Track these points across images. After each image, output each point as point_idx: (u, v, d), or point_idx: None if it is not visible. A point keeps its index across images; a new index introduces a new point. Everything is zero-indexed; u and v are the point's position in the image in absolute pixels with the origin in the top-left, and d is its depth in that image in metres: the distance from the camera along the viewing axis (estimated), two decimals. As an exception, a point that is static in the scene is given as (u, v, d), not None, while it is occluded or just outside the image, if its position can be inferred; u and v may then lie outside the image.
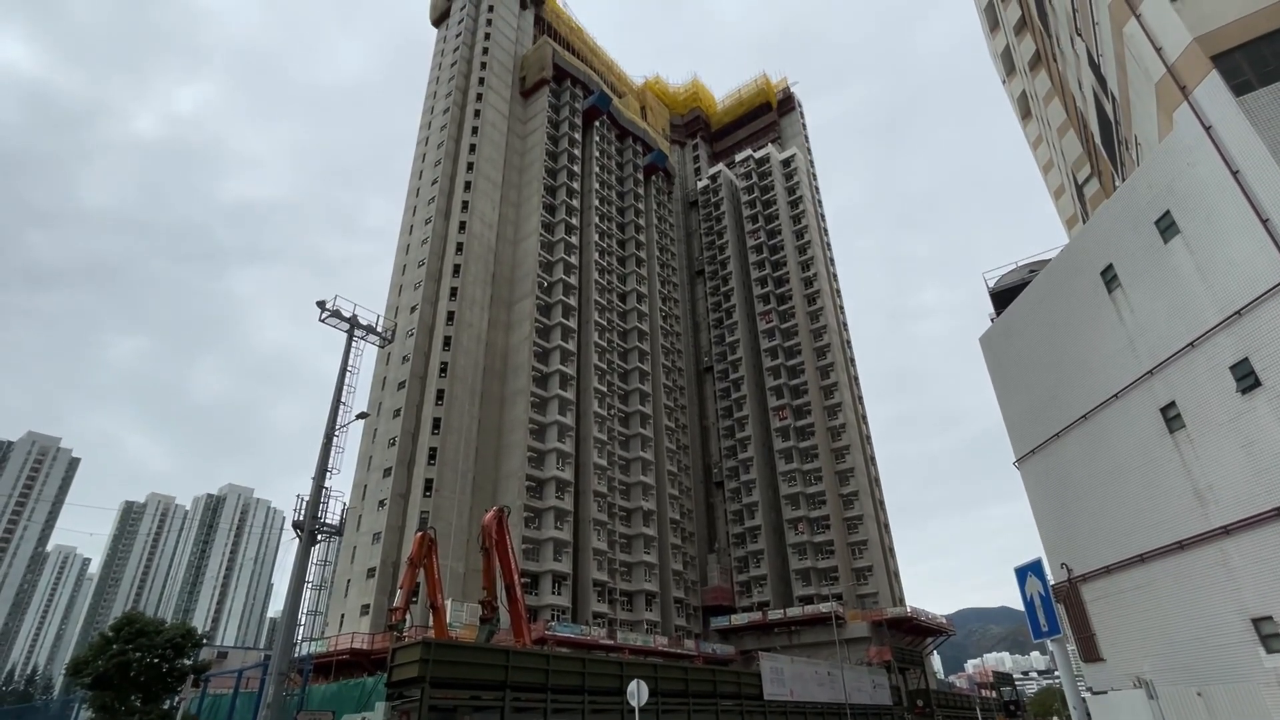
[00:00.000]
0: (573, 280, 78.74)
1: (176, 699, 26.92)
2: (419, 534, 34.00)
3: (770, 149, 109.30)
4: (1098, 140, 34.42)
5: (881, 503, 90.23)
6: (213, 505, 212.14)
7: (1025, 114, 54.66)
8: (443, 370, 65.40)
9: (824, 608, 69.20)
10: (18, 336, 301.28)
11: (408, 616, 32.53)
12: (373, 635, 49.27)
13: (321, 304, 31.72)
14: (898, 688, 59.86)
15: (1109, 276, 25.38)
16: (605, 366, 78.54)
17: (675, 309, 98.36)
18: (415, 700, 25.74)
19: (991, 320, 34.64)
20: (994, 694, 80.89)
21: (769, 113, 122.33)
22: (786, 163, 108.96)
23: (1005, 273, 35.97)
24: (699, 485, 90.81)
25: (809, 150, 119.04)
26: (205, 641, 30.84)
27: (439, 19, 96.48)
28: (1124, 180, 28.52)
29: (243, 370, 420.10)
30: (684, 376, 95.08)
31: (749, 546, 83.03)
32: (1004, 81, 55.79)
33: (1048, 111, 45.28)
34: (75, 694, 39.51)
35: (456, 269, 71.24)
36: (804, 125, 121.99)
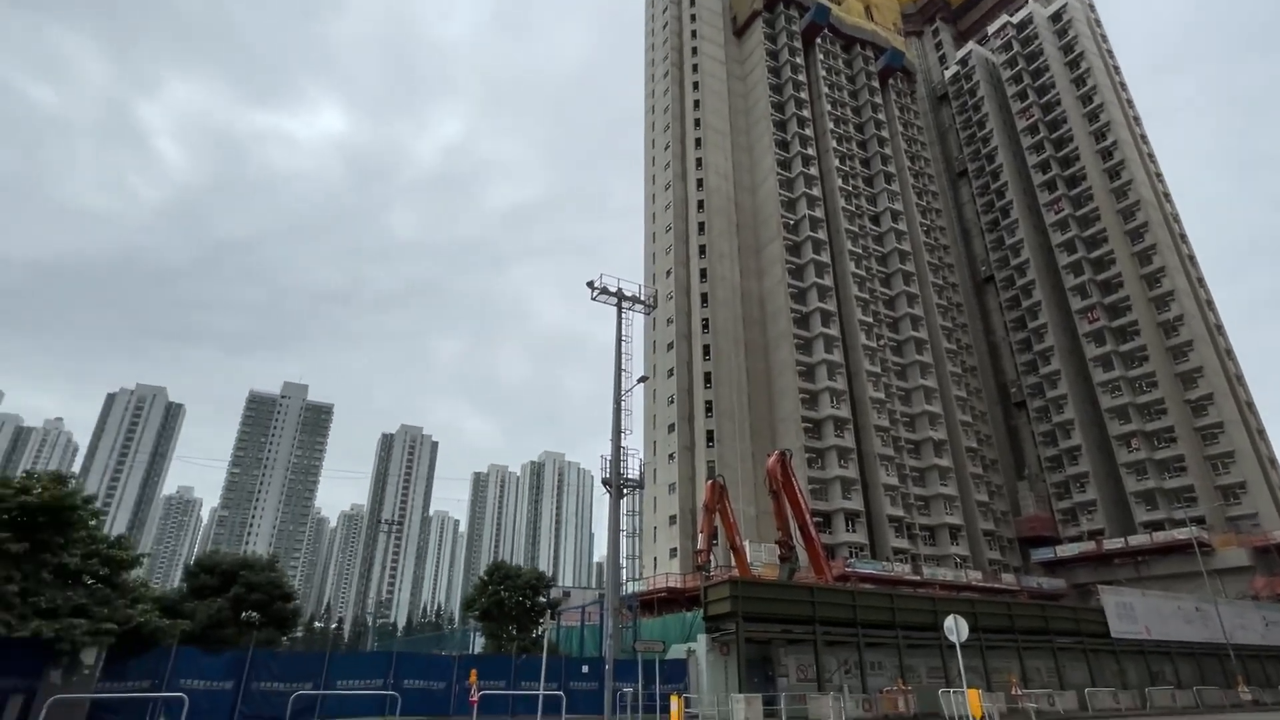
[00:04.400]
0: (818, 213, 75.57)
1: (540, 629, 32.67)
2: (709, 482, 36.22)
3: (1032, 6, 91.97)
4: None
5: (1250, 405, 72.77)
6: (536, 471, 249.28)
7: None
8: (705, 326, 67.85)
9: (1180, 534, 58.61)
10: (382, 352, 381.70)
11: (712, 558, 35.04)
12: (683, 575, 53.98)
13: (591, 284, 34.87)
14: (1303, 626, 48.57)
15: None
16: (867, 296, 74.45)
17: (938, 220, 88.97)
18: (732, 633, 27.78)
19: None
20: None
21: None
22: (1056, 18, 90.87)
23: None
24: (995, 408, 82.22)
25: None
26: (553, 583, 36.82)
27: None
28: None
29: (535, 353, 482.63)
30: (959, 292, 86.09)
31: (1068, 470, 73.24)
32: None
33: None
34: (469, 625, 49.98)
35: (701, 227, 72.86)
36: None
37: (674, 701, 17.66)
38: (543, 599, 34.10)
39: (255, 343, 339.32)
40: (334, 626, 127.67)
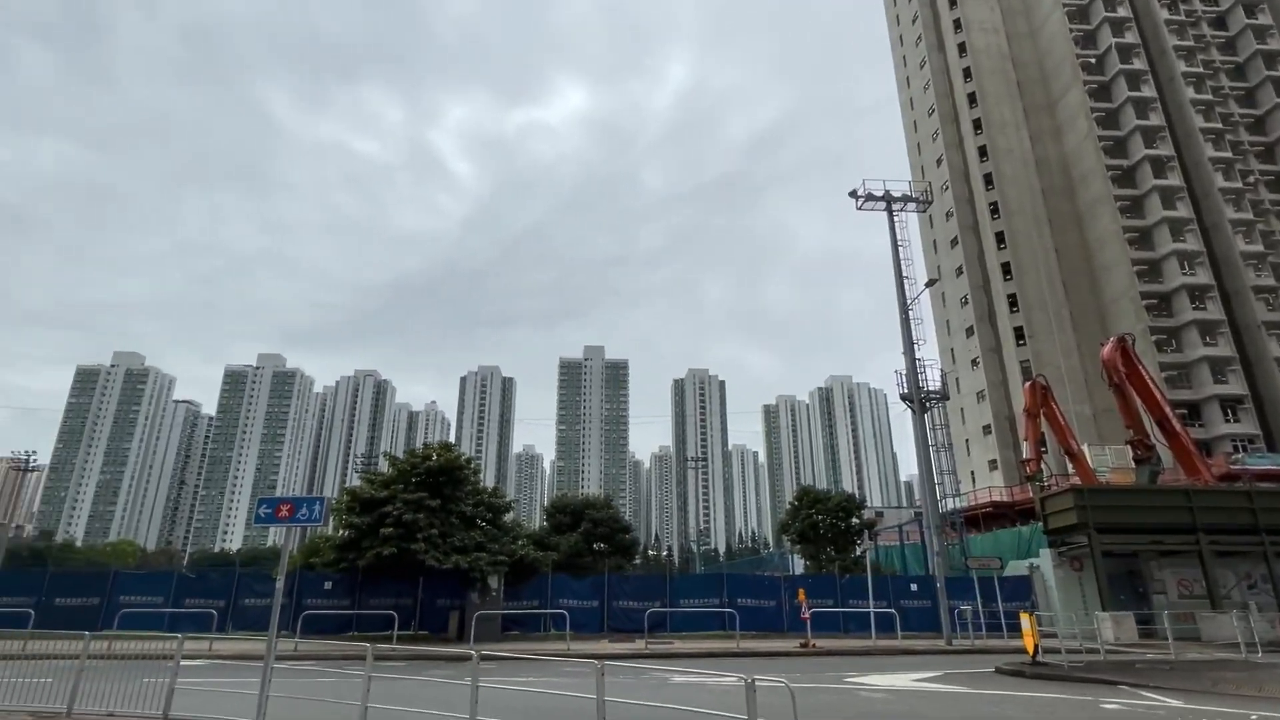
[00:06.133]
0: (1129, 38, 60.42)
1: (860, 549, 32.64)
2: (1027, 384, 32.26)
3: None
4: None
5: None
6: (824, 396, 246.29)
7: None
8: (994, 211, 59.48)
9: None
10: (660, 303, 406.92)
11: (1043, 466, 31.31)
12: (1009, 488, 49.20)
13: (854, 193, 32.82)
14: None
15: None
16: (1219, 125, 58.06)
17: (1326, -7, 65.05)
18: (1083, 546, 24.76)
19: None
20: None
21: None
22: None
23: None
24: None
25: None
26: (863, 505, 36.35)
27: None
28: None
29: (803, 278, 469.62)
30: (1376, 83, 62.47)
31: None
32: None
33: None
34: (785, 547, 51.98)
35: (971, 98, 63.26)
36: None
37: (1025, 620, 16.33)
38: (856, 520, 33.91)
39: (556, 316, 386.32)
40: (664, 554, 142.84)
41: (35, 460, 63.59)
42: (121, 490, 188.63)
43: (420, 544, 21.43)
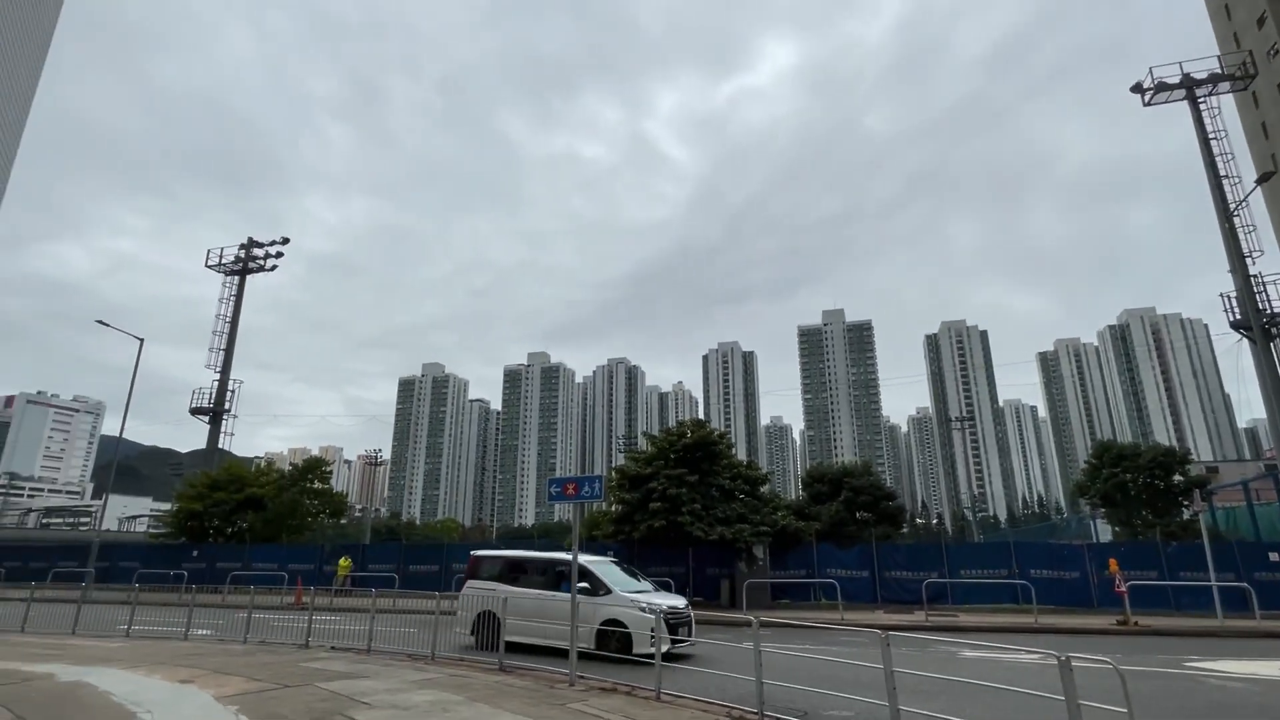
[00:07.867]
0: None
1: (1189, 512, 27.27)
2: None
3: None
4: None
5: None
6: (1119, 335, 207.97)
7: None
8: (1358, 67, 45.02)
9: None
10: (899, 256, 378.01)
11: None
12: None
13: (1137, 86, 27.55)
14: None
15: None
16: None
17: None
18: None
19: None
20: None
21: None
22: None
23: None
24: None
25: None
26: (1189, 459, 30.23)
27: None
28: None
29: (1072, 200, 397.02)
30: None
31: None
32: None
33: None
34: (1083, 511, 45.36)
35: (1308, -75, 48.28)
36: None
37: None
38: (1179, 478, 28.38)
39: (789, 284, 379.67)
40: (934, 522, 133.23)
41: (381, 456, 79.69)
42: (441, 477, 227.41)
43: (686, 517, 22.68)
